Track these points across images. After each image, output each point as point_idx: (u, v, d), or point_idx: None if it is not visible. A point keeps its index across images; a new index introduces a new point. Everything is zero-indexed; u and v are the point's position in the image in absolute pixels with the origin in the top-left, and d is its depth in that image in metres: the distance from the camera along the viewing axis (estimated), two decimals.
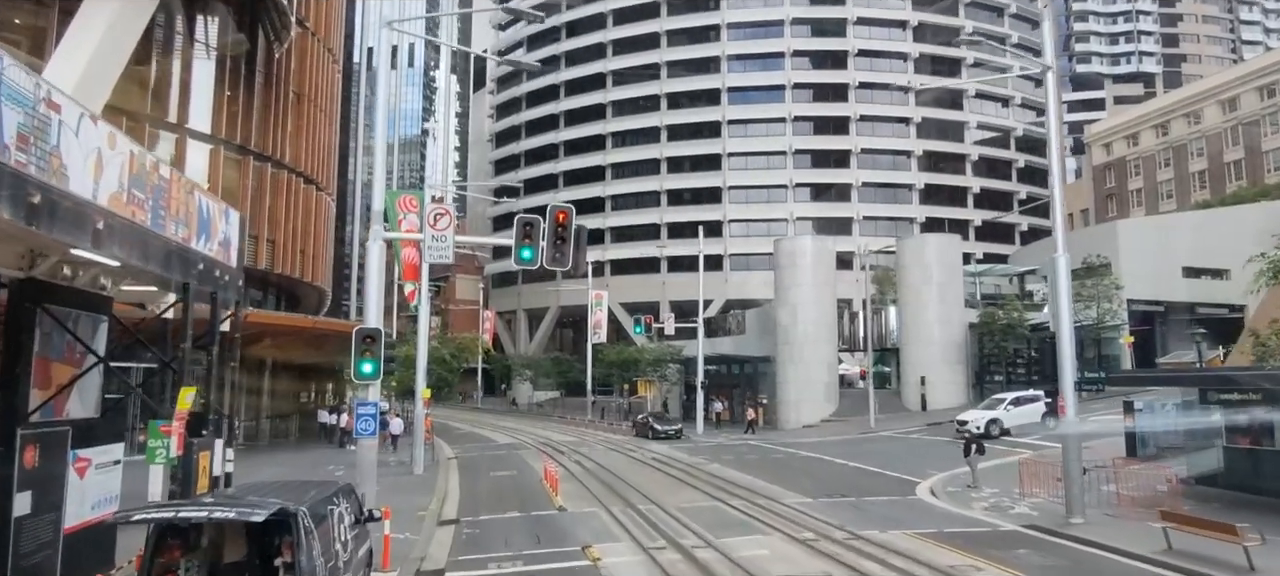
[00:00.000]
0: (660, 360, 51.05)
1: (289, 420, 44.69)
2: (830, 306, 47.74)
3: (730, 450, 36.25)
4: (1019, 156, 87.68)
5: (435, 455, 33.52)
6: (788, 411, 46.52)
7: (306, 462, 30.49)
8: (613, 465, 30.70)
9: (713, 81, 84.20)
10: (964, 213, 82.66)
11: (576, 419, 58.07)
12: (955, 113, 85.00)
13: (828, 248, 48.70)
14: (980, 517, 19.12)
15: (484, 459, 34.71)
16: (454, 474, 29.42)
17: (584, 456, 34.30)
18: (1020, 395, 33.79)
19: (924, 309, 46.28)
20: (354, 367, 14.95)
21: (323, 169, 43.91)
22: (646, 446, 38.75)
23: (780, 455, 33.41)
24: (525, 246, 15.77)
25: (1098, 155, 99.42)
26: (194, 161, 33.05)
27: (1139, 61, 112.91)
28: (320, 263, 43.64)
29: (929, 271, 46.59)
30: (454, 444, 41.91)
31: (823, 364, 46.59)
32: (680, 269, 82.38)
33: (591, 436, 45.95)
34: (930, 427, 40.00)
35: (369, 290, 15.42)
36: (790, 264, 47.62)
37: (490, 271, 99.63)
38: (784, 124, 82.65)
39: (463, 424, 58.85)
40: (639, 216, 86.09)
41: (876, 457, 30.27)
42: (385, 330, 16.90)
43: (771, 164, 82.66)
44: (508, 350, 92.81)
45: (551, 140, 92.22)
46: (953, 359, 45.84)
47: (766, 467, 29.22)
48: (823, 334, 46.91)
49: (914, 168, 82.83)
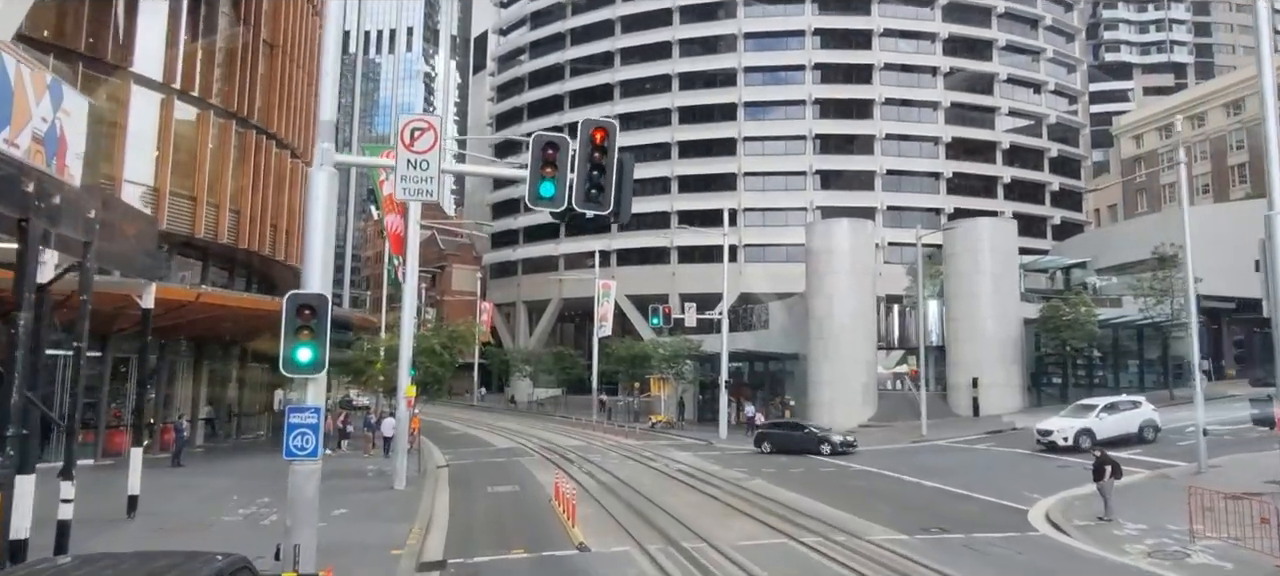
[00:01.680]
0: (676, 356, 45.95)
1: (260, 418, 39.57)
2: (869, 298, 42.71)
3: (768, 461, 31.17)
4: (1052, 145, 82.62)
5: (423, 464, 28.43)
6: (820, 414, 41.45)
7: (259, 477, 25.36)
8: (635, 480, 25.61)
9: (728, 61, 79.08)
10: (994, 204, 77.46)
11: (581, 419, 53.01)
12: (985, 98, 79.88)
13: (866, 233, 43.63)
14: (1157, 572, 14.06)
15: (480, 468, 29.63)
16: (443, 490, 24.32)
17: (597, 466, 29.22)
18: (1114, 401, 28.76)
19: (976, 302, 41.27)
20: (284, 354, 9.85)
21: (302, 136, 38.77)
22: (666, 454, 33.68)
23: (829, 468, 28.34)
24: (546, 179, 10.70)
25: (1127, 148, 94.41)
26: (141, 113, 27.92)
27: (1170, 50, 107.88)
28: (300, 242, 38.51)
29: (981, 260, 41.58)
30: (446, 448, 36.82)
31: (861, 362, 41.56)
32: (691, 260, 77.48)
33: (600, 440, 40.89)
34: (992, 436, 34.96)
35: (311, 240, 10.31)
36: (825, 250, 42.55)
37: (489, 261, 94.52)
38: (803, 106, 77.56)
39: (456, 424, 53.75)
40: (647, 204, 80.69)
41: (951, 474, 25.20)
42: (336, 302, 12.03)
43: (789, 149, 77.55)
44: (506, 344, 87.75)
45: (555, 122, 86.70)
46: (1008, 358, 40.84)
47: (821, 486, 24.16)
48: (861, 328, 41.88)
49: (942, 155, 77.76)
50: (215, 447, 34.15)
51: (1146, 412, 28.37)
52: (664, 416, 48.44)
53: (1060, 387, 42.29)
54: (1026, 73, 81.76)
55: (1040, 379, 42.12)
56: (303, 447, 10.11)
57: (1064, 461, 26.25)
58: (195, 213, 30.36)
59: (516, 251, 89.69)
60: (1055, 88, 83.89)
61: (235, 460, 30.49)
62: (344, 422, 33.97)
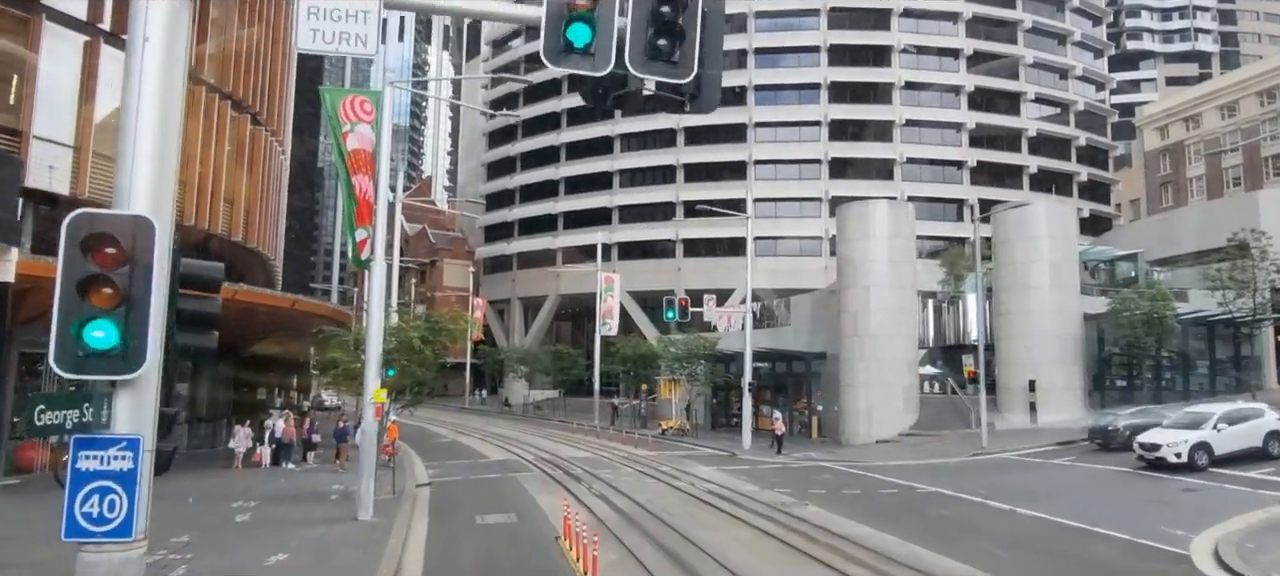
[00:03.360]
0: (691, 355, 41.08)
1: (216, 425, 34.60)
2: (910, 290, 37.92)
3: (808, 479, 26.35)
4: (1079, 134, 78.01)
5: (400, 482, 23.54)
6: (855, 422, 36.72)
7: (195, 500, 20.53)
8: (660, 505, 20.75)
9: (738, 42, 74.16)
10: (1019, 195, 72.76)
11: (582, 424, 48.10)
12: (1010, 82, 75.25)
13: (907, 217, 38.81)
14: None
15: (469, 488, 24.74)
16: (421, 519, 19.43)
17: (609, 486, 24.36)
18: (1235, 409, 23.97)
19: (1031, 294, 36.55)
20: (59, 334, 5.03)
21: (268, 102, 33.85)
22: (687, 469, 28.84)
23: (891, 490, 23.49)
24: (577, 17, 5.81)
25: (1151, 139, 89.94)
26: (56, 55, 22.97)
27: (1194, 39, 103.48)
28: (264, 224, 33.61)
29: (1038, 246, 36.86)
30: (430, 460, 31.92)
31: (902, 363, 36.78)
32: (698, 253, 72.76)
33: (607, 450, 36.03)
34: (1063, 448, 30.21)
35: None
36: (861, 236, 37.74)
37: (481, 255, 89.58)
38: (818, 91, 72.80)
39: (444, 429, 48.84)
40: (651, 194, 76.15)
41: (1047, 499, 20.43)
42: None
43: (803, 135, 72.83)
44: (500, 344, 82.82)
45: (552, 109, 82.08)
46: (1069, 358, 36.12)
47: (892, 514, 19.34)
48: (902, 324, 37.10)
49: (965, 143, 73.10)
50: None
51: (1271, 421, 23.59)
52: (675, 422, 43.63)
53: (1125, 391, 37.59)
54: (1053, 56, 77.16)
55: (1102, 381, 37.39)
56: (103, 520, 5.21)
57: (1186, 483, 21.49)
58: None
59: (511, 245, 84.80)
60: (1083, 72, 79.27)
61: (171, 479, 25.52)
62: (308, 431, 29.02)
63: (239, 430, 26.24)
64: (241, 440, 25.53)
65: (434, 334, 23.01)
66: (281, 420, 28.42)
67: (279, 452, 27.72)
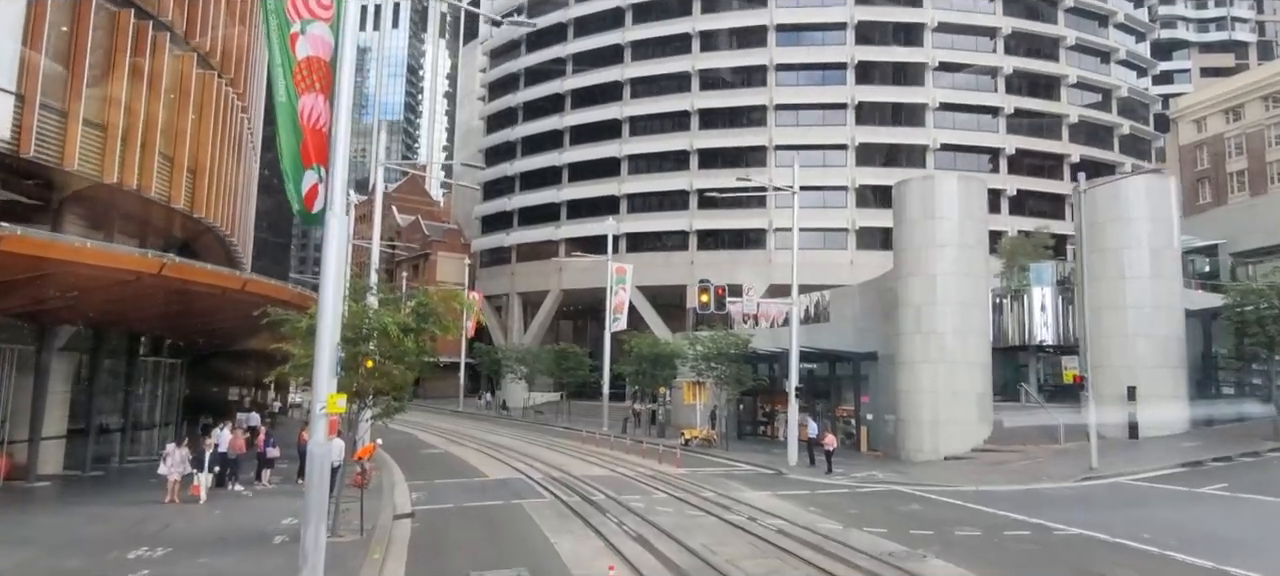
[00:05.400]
0: (719, 355, 35.45)
1: (168, 432, 28.92)
2: (983, 278, 32.41)
3: (892, 509, 20.76)
4: (1123, 121, 72.65)
5: (373, 513, 17.88)
6: (918, 434, 31.15)
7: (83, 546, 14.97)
8: (724, 554, 15.11)
9: (758, 17, 68.78)
10: (1060, 186, 67.58)
11: (592, 433, 42.40)
12: (1050, 64, 69.86)
13: (978, 192, 33.20)
14: None
15: (463, 521, 19.09)
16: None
17: (644, 520, 18.73)
18: None
19: (1128, 286, 31.09)
20: None
21: (223, 49, 28.14)
22: (734, 494, 23.23)
23: (1019, 531, 17.82)
24: None
25: (1186, 133, 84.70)
26: None
27: (1231, 28, 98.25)
28: (218, 193, 27.89)
29: (1136, 231, 31.39)
30: (415, 477, 26.26)
31: (975, 365, 31.20)
32: (713, 245, 67.24)
33: (626, 464, 30.39)
34: (1191, 469, 24.66)
35: None
36: (924, 216, 32.17)
37: (478, 248, 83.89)
38: (844, 71, 67.24)
39: (435, 436, 43.15)
40: (663, 181, 70.58)
41: (1257, 549, 14.89)
42: None
43: (828, 119, 67.25)
44: (497, 342, 77.13)
45: (556, 90, 76.54)
46: (1172, 360, 30.65)
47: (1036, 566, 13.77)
48: (974, 319, 31.57)
49: (1002, 129, 67.69)
50: (78, 479, 23.47)
51: None
52: (700, 431, 38.01)
53: (1231, 399, 32.12)
54: (1095, 38, 71.79)
55: (1208, 388, 31.90)
56: None
57: None
58: (65, 135, 19.99)
59: (510, 236, 79.16)
60: (1125, 55, 73.94)
61: (83, 502, 19.80)
62: (264, 442, 23.27)
63: (172, 450, 20.20)
64: (175, 464, 19.66)
65: (421, 322, 17.24)
66: (227, 430, 22.69)
67: (225, 471, 22.03)
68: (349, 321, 16.33)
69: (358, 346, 15.92)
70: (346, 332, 15.84)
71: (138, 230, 26.75)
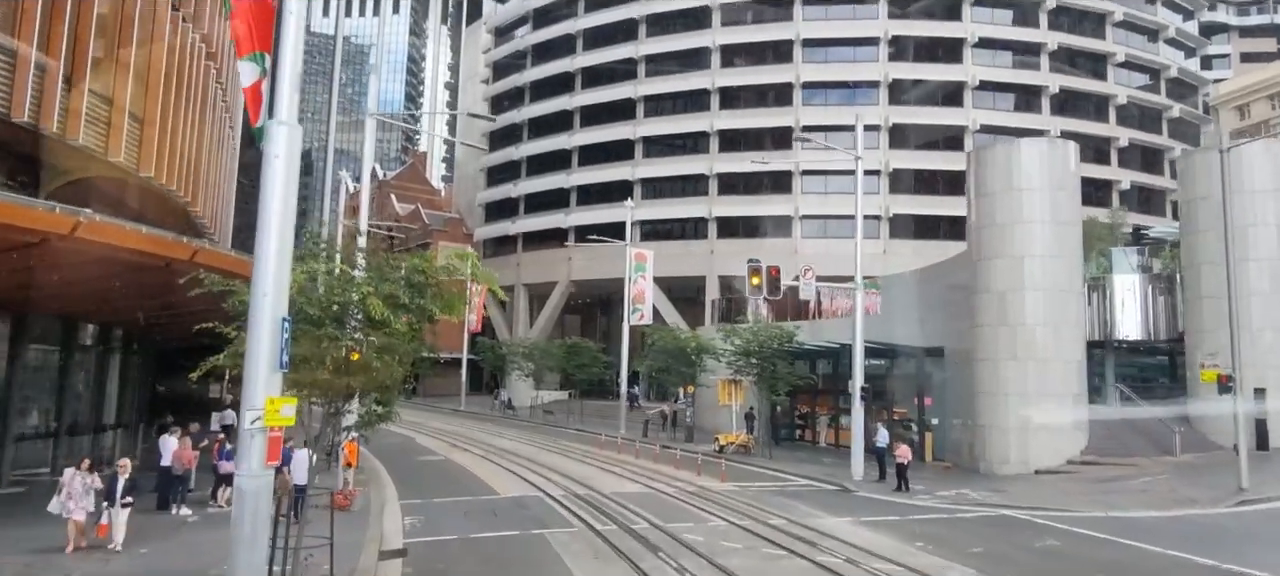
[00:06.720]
0: (761, 350, 30.79)
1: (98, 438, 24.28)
2: (1076, 261, 27.67)
3: (1010, 542, 16.11)
4: (1171, 104, 67.92)
5: (355, 549, 13.26)
6: (1002, 443, 26.48)
7: None
8: None
9: None
10: (1106, 171, 62.95)
11: (611, 437, 37.64)
12: (1095, 41, 65.15)
13: (1070, 158, 28.37)
14: None
15: (470, 561, 14.46)
16: None
17: (709, 562, 14.10)
18: None
19: (1249, 271, 26.35)
20: None
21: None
22: (806, 521, 18.58)
23: None
24: None
25: (1229, 120, 79.85)
26: None
27: (1273, 10, 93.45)
28: (173, 153, 23.26)
29: (1255, 204, 26.79)
30: (410, 491, 21.63)
31: (1068, 363, 26.54)
32: (734, 233, 62.57)
33: (660, 477, 25.73)
34: None
35: None
36: (1005, 188, 27.49)
37: (481, 236, 79.17)
38: (877, 46, 62.50)
39: (434, 439, 38.49)
40: (680, 165, 65.93)
41: None
42: None
43: (858, 98, 62.39)
44: (501, 336, 72.54)
45: (566, 68, 71.83)
46: None
47: None
48: (1067, 308, 26.89)
49: (1046, 110, 62.97)
50: None
51: None
52: (738, 437, 33.34)
53: None
54: (1142, 14, 67.06)
55: None
56: None
57: None
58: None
59: (516, 224, 74.47)
60: (1174, 34, 69.21)
61: None
62: (218, 455, 18.61)
63: (71, 477, 14.09)
64: (76, 495, 13.93)
65: (415, 295, 12.42)
66: (175, 437, 18.10)
67: (168, 491, 17.40)
68: (318, 297, 11.69)
69: (325, 328, 11.20)
70: (308, 309, 11.20)
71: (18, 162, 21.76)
